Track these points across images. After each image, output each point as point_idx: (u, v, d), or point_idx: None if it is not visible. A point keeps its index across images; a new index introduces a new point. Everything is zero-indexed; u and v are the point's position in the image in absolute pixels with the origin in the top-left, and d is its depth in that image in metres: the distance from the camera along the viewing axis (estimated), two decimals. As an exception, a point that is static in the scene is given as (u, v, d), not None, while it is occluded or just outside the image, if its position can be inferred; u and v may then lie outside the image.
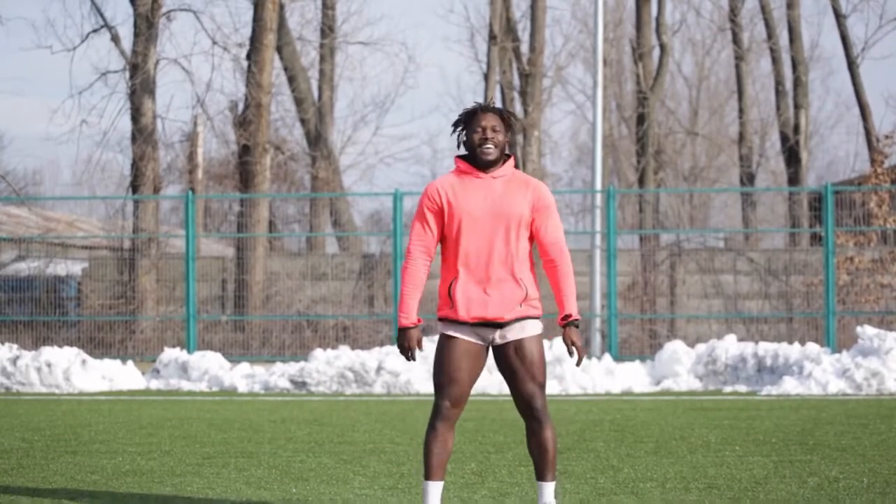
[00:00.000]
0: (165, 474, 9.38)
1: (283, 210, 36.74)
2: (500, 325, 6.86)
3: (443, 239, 6.97)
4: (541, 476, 6.95)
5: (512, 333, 6.87)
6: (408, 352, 6.90)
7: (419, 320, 6.92)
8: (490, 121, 6.86)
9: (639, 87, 34.52)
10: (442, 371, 6.87)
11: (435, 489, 6.88)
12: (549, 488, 6.95)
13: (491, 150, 6.84)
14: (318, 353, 20.03)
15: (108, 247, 29.11)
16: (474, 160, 6.91)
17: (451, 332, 6.89)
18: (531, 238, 7.00)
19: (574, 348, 6.90)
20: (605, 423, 13.48)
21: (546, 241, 6.98)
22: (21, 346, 22.62)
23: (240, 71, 30.38)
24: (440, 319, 6.93)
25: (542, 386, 6.89)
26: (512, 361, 6.88)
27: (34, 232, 30.13)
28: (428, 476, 6.88)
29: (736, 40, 35.41)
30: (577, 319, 6.93)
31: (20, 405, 16.84)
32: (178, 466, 9.82)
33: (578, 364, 6.90)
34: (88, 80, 42.09)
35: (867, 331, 18.82)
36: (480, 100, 32.71)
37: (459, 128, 6.94)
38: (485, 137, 6.84)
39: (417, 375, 19.21)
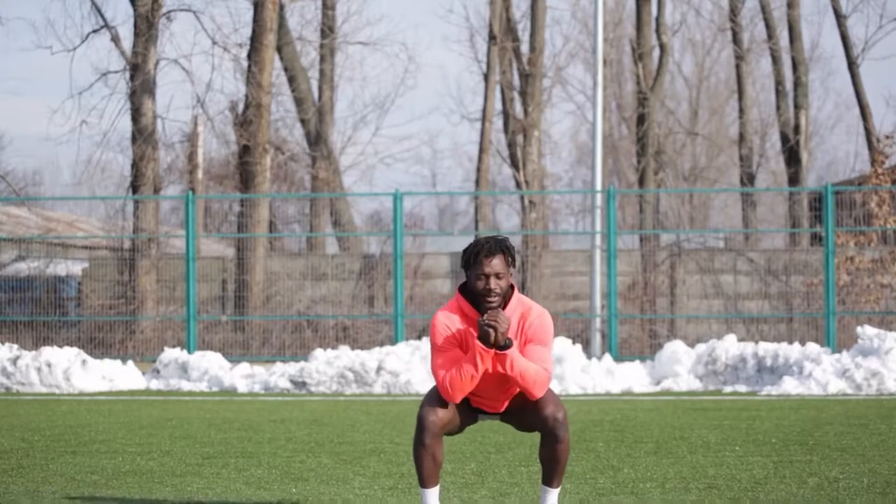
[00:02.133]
0: (165, 474, 9.38)
1: (284, 210, 36.74)
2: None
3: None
4: (547, 482, 6.94)
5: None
6: (491, 320, 6.75)
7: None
8: (494, 267, 6.79)
9: (639, 88, 34.53)
10: (438, 395, 6.90)
11: (432, 495, 6.89)
12: (553, 494, 6.95)
13: (494, 301, 6.82)
14: (318, 354, 20.03)
15: (109, 247, 29.12)
16: (476, 301, 6.89)
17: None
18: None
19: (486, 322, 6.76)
20: (605, 423, 13.48)
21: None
22: (21, 346, 22.63)
23: (240, 71, 30.39)
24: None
25: (559, 403, 6.89)
26: (523, 406, 6.95)
27: (34, 232, 30.14)
28: (423, 485, 6.89)
29: (736, 40, 35.41)
30: (511, 343, 6.79)
31: (20, 405, 16.84)
32: (178, 466, 9.83)
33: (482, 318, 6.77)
34: (88, 81, 42.06)
35: (867, 331, 18.82)
36: (482, 100, 32.48)
37: (467, 266, 6.88)
38: (488, 288, 6.80)
39: (417, 376, 19.21)
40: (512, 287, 6.91)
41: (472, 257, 6.83)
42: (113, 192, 36.98)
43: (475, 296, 6.85)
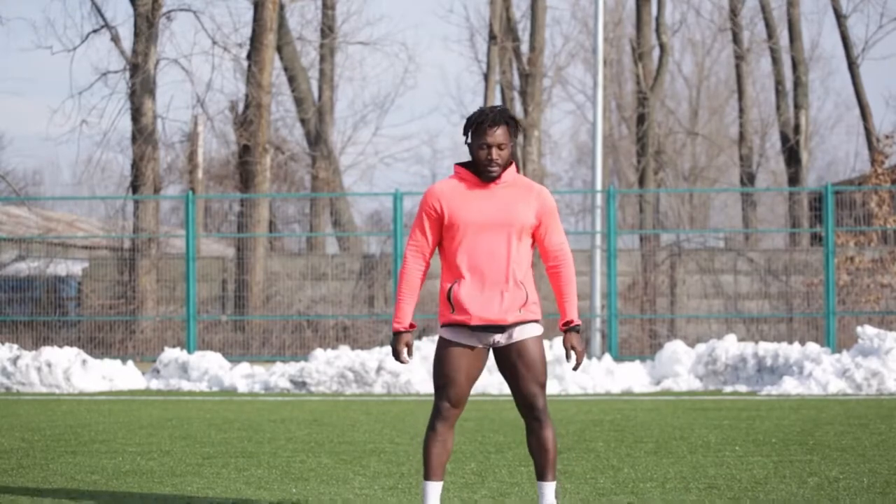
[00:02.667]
0: (165, 474, 9.38)
1: (284, 210, 36.76)
2: (501, 329, 6.86)
3: (443, 244, 6.96)
4: (541, 476, 6.96)
5: (513, 336, 6.87)
6: (398, 355, 6.93)
7: (413, 325, 6.94)
8: (496, 137, 6.80)
9: (639, 87, 34.53)
10: (441, 373, 6.88)
11: (434, 489, 6.89)
12: (549, 488, 6.96)
13: (496, 170, 6.83)
14: (318, 353, 20.03)
15: (109, 247, 29.12)
16: (477, 169, 6.90)
17: (450, 335, 6.89)
18: (533, 242, 7.00)
19: (574, 352, 6.93)
20: (605, 423, 13.48)
21: (550, 247, 7.00)
22: (21, 345, 22.63)
23: (240, 71, 30.40)
24: (441, 324, 6.94)
25: (543, 386, 6.91)
26: (513, 363, 6.88)
27: (34, 232, 30.14)
28: (427, 476, 6.89)
29: (736, 40, 35.41)
30: (578, 325, 6.95)
31: (20, 405, 16.84)
32: (178, 466, 9.83)
33: (576, 368, 6.95)
34: (88, 81, 42.07)
35: (867, 331, 18.82)
36: (482, 100, 32.49)
37: (467, 134, 6.90)
38: (490, 157, 6.81)
39: (417, 376, 19.21)
40: (512, 158, 6.94)
41: (476, 126, 6.84)
42: (113, 191, 37.00)
43: (476, 163, 6.86)
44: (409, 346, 6.93)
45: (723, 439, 11.56)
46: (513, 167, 6.93)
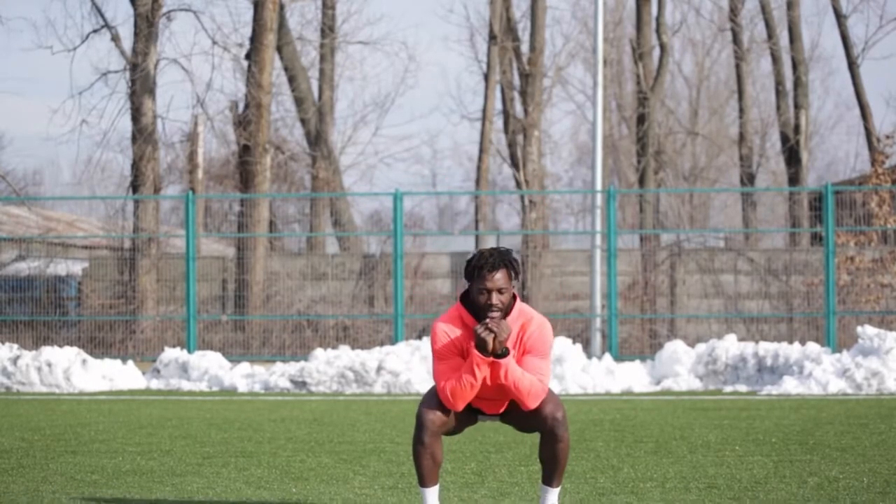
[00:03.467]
0: (165, 474, 9.38)
1: (284, 210, 36.73)
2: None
3: None
4: (547, 481, 6.95)
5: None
6: (488, 324, 6.75)
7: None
8: (496, 283, 6.78)
9: (639, 87, 34.53)
10: (436, 394, 6.91)
11: (432, 494, 6.90)
12: (553, 494, 6.96)
13: (496, 316, 6.82)
14: (319, 353, 20.03)
15: (109, 247, 29.11)
16: (477, 313, 6.88)
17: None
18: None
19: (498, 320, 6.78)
20: (605, 423, 13.48)
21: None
22: (21, 345, 22.62)
23: (240, 71, 30.40)
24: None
25: (559, 403, 6.90)
26: (520, 414, 6.98)
27: (34, 232, 30.13)
28: (423, 484, 6.91)
29: (736, 40, 35.41)
30: (507, 353, 6.80)
31: (20, 405, 16.84)
32: (179, 466, 9.83)
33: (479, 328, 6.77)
34: (89, 80, 42.06)
35: (867, 331, 18.81)
36: (482, 100, 32.45)
37: (469, 277, 6.88)
38: (490, 303, 6.79)
39: (417, 375, 19.21)
40: (514, 298, 6.91)
41: (476, 271, 6.81)
42: (113, 191, 37.00)
43: (477, 307, 6.85)
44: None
45: (723, 439, 11.56)
46: (516, 305, 6.91)
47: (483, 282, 6.79)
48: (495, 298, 6.78)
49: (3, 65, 74.55)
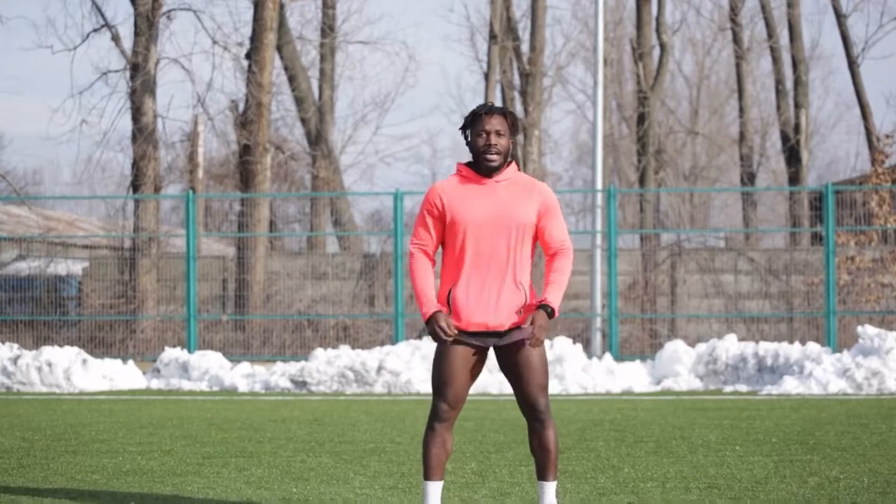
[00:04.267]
0: (166, 474, 9.38)
1: (284, 210, 36.75)
2: (499, 334, 6.86)
3: (443, 244, 6.94)
4: (542, 476, 6.96)
5: (513, 337, 6.85)
6: (442, 331, 6.75)
7: (440, 307, 6.87)
8: (494, 125, 6.78)
9: (639, 87, 34.53)
10: (440, 374, 6.87)
11: (435, 489, 6.89)
12: (550, 488, 6.96)
13: (494, 158, 6.79)
14: (319, 353, 20.03)
15: (109, 246, 29.11)
16: (477, 165, 6.89)
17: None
18: (534, 240, 6.97)
19: (531, 328, 6.76)
20: (605, 422, 13.48)
21: (551, 241, 6.94)
22: (22, 345, 22.63)
23: (240, 70, 30.39)
24: None
25: (545, 387, 6.89)
26: (514, 364, 6.87)
27: (35, 231, 30.13)
28: (427, 476, 6.89)
29: (736, 40, 35.41)
30: (551, 307, 6.81)
31: (20, 405, 16.84)
32: (179, 466, 9.83)
33: (528, 342, 6.76)
34: (89, 80, 42.13)
35: (868, 330, 18.81)
36: (482, 99, 32.60)
37: (465, 131, 6.90)
38: (488, 143, 6.77)
39: (417, 375, 19.21)
40: (514, 159, 6.92)
41: (472, 116, 6.83)
42: (113, 191, 37.00)
43: (476, 155, 6.83)
44: (449, 322, 6.77)
45: (723, 439, 11.56)
46: (514, 165, 6.91)
47: (481, 124, 6.79)
48: (494, 139, 6.78)
49: (3, 64, 74.57)
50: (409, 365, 19.36)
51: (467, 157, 7.12)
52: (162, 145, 28.92)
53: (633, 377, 19.69)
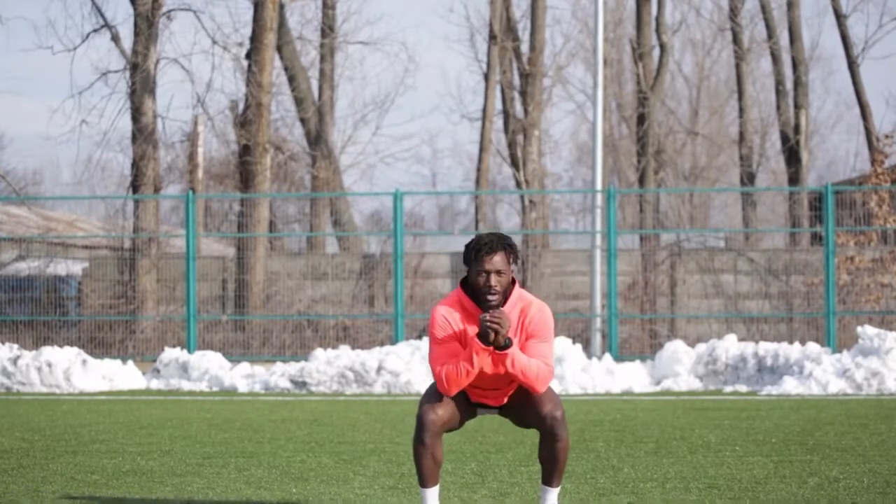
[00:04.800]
0: (165, 474, 9.38)
1: (284, 210, 36.73)
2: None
3: None
4: (547, 481, 6.95)
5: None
6: (492, 318, 6.69)
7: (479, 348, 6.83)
8: (495, 264, 6.78)
9: (639, 87, 34.52)
10: (439, 392, 6.90)
11: (432, 494, 6.90)
12: (552, 494, 6.96)
13: (494, 299, 6.81)
14: (319, 353, 20.02)
15: (109, 246, 29.10)
16: (477, 296, 6.87)
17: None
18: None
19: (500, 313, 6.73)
20: (605, 423, 13.48)
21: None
22: (21, 345, 22.61)
23: (240, 71, 30.38)
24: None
25: (558, 403, 6.90)
26: (522, 403, 6.97)
27: (34, 232, 30.13)
28: (423, 484, 6.90)
29: (736, 40, 35.41)
30: (511, 342, 6.77)
31: (20, 405, 16.84)
32: (179, 466, 9.83)
33: (484, 317, 6.73)
34: (89, 80, 42.08)
35: (867, 331, 18.81)
36: (482, 99, 32.46)
37: (468, 262, 6.87)
38: (488, 285, 6.78)
39: (417, 376, 19.21)
40: (513, 282, 6.91)
41: (474, 254, 6.81)
42: (113, 191, 36.99)
43: (476, 291, 6.84)
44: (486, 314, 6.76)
45: (723, 439, 11.56)
46: (513, 293, 6.90)
47: (482, 264, 6.79)
48: (494, 280, 6.78)
49: (3, 65, 74.56)
50: (408, 365, 19.36)
51: (467, 156, 7.11)
52: (162, 145, 28.92)
53: (632, 377, 19.68)
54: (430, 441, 6.82)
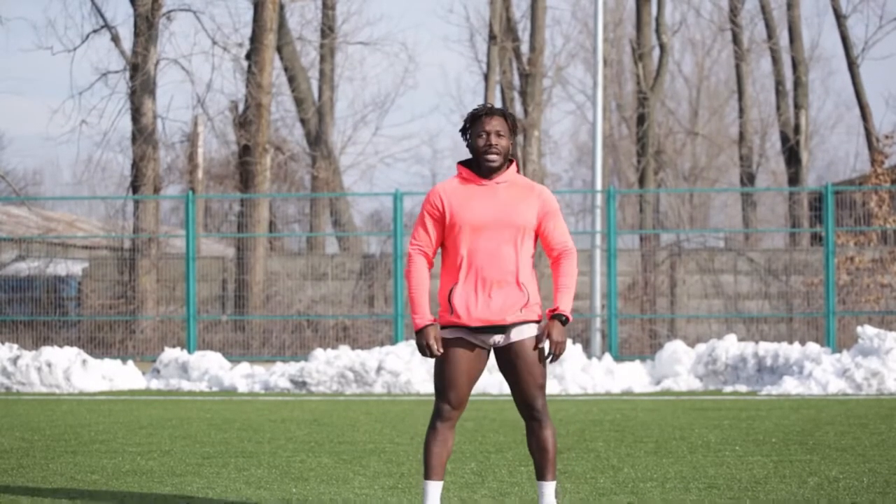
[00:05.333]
0: (165, 474, 9.38)
1: (284, 210, 36.75)
2: (501, 329, 6.86)
3: (444, 244, 6.95)
4: (541, 476, 6.96)
5: (513, 336, 6.87)
6: (429, 349, 6.83)
7: (434, 319, 6.90)
8: (494, 125, 6.80)
9: (639, 87, 34.52)
10: (442, 375, 6.88)
11: (434, 489, 6.89)
12: (549, 488, 6.96)
13: (495, 158, 6.81)
14: (319, 353, 20.02)
15: (109, 247, 29.11)
16: (477, 166, 6.89)
17: (451, 336, 6.89)
18: (536, 241, 6.98)
19: (547, 341, 6.85)
20: (605, 423, 13.48)
21: (554, 243, 6.97)
22: (21, 345, 22.62)
23: (240, 71, 30.39)
24: (441, 326, 6.93)
25: (543, 387, 6.91)
26: (512, 363, 6.89)
27: (34, 232, 30.13)
28: (428, 475, 6.90)
29: (736, 40, 35.42)
30: (565, 316, 6.89)
31: (20, 405, 16.84)
32: (178, 466, 9.83)
33: (548, 359, 6.86)
34: (89, 81, 42.11)
35: (867, 331, 18.81)
36: (482, 100, 32.63)
37: (465, 132, 6.91)
38: (489, 143, 6.79)
39: (417, 375, 19.21)
40: (514, 160, 6.93)
41: (472, 117, 6.86)
42: (113, 192, 36.99)
43: (476, 155, 6.85)
44: (438, 339, 6.84)
45: (723, 439, 11.56)
46: (514, 166, 6.93)
47: (481, 125, 6.82)
48: (494, 140, 6.80)
49: (3, 65, 74.57)
50: (408, 365, 19.36)
51: (466, 157, 7.10)
52: (162, 146, 28.93)
53: (632, 377, 19.69)
54: (444, 429, 6.87)
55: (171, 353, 20.93)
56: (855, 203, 24.73)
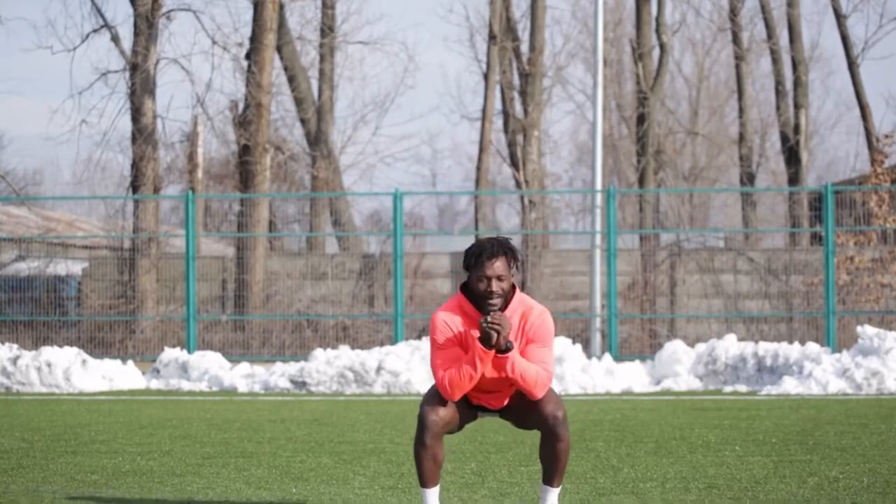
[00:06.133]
0: (165, 474, 9.38)
1: (284, 210, 36.74)
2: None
3: None
4: (548, 481, 6.94)
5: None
6: (493, 320, 6.69)
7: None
8: (496, 270, 6.76)
9: (639, 87, 34.51)
10: (440, 394, 6.90)
11: (433, 494, 6.89)
12: (553, 494, 6.95)
13: (496, 303, 6.80)
14: (318, 353, 20.02)
15: (109, 247, 29.11)
16: (477, 301, 6.86)
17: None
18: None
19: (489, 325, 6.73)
20: (605, 423, 13.48)
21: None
22: (21, 345, 22.61)
23: (240, 71, 30.38)
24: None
25: (559, 402, 6.89)
26: (521, 405, 6.96)
27: (34, 232, 30.12)
28: (424, 485, 6.89)
29: (736, 40, 35.41)
30: (511, 347, 6.78)
31: (20, 405, 16.84)
32: (178, 466, 9.83)
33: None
34: (88, 80, 42.05)
35: (867, 330, 18.81)
36: (481, 100, 32.48)
37: (468, 268, 6.85)
38: (489, 290, 6.76)
39: (417, 376, 19.21)
40: (513, 287, 6.90)
41: (474, 259, 6.79)
42: (113, 191, 36.98)
43: (477, 296, 6.83)
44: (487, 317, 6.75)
45: (723, 439, 11.56)
46: (516, 295, 6.89)
47: (482, 269, 6.76)
48: (495, 286, 6.76)
49: (3, 65, 74.57)
50: (408, 365, 19.36)
51: (467, 157, 7.10)
52: (161, 146, 28.92)
53: (632, 377, 19.69)
54: (430, 442, 6.81)
55: (171, 353, 20.92)
56: (855, 203, 24.73)
